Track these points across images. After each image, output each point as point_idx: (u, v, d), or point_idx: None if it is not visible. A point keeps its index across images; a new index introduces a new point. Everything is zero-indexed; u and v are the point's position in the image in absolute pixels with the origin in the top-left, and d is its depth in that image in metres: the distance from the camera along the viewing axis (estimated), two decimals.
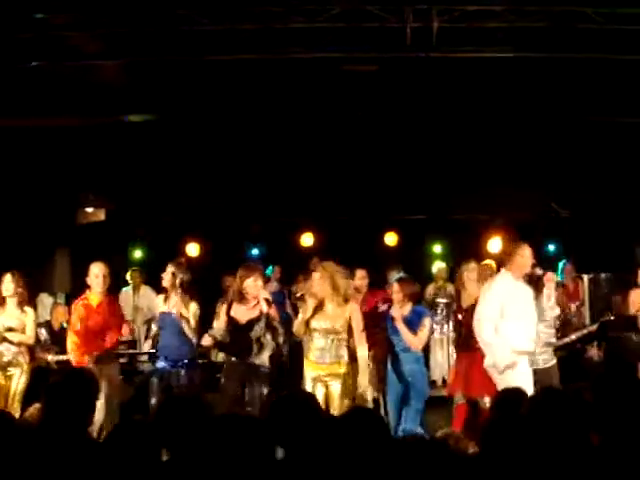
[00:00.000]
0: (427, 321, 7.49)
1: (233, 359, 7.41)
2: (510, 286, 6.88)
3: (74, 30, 7.78)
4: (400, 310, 7.41)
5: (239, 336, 7.33)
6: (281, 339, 7.50)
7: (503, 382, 6.38)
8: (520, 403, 4.06)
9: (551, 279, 7.59)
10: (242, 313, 7.38)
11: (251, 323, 7.34)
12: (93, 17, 7.60)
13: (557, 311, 7.63)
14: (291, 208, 13.00)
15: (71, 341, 7.67)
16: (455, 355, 8.41)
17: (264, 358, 7.35)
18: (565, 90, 9.49)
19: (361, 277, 8.47)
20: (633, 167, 10.94)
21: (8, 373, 7.67)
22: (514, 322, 6.76)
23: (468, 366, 7.87)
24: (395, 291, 7.48)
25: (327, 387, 7.10)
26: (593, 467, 3.47)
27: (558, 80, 9.18)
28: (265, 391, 7.24)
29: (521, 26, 7.76)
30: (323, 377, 7.11)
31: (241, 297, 7.39)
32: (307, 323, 7.15)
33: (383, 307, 7.78)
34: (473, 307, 7.90)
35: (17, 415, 6.41)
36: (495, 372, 6.78)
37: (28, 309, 7.87)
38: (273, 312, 7.42)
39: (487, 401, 7.48)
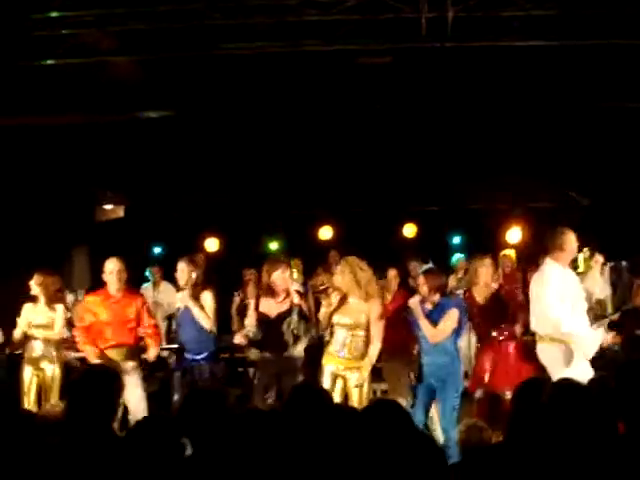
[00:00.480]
0: (452, 313, 7.16)
1: (267, 354, 7.38)
2: (563, 276, 6.75)
3: (88, 27, 7.78)
4: (427, 303, 7.28)
5: (271, 330, 7.32)
6: (313, 331, 7.51)
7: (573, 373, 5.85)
8: (542, 392, 4.03)
9: (599, 261, 7.49)
10: (271, 307, 7.38)
11: (282, 316, 7.33)
12: (107, 14, 7.61)
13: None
14: (309, 201, 13.00)
15: (77, 336, 7.77)
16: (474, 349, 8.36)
17: (300, 350, 7.36)
18: (582, 77, 9.39)
19: (393, 276, 8.43)
20: None
21: (41, 366, 7.95)
22: (571, 312, 6.62)
23: (489, 360, 7.82)
24: (421, 284, 7.38)
25: (345, 381, 7.09)
26: (620, 455, 3.44)
27: (575, 68, 9.09)
28: (300, 380, 7.22)
29: (537, 15, 7.68)
30: (342, 371, 7.11)
31: (269, 291, 7.39)
32: (330, 317, 7.16)
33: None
34: (489, 300, 7.85)
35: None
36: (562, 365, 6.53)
37: (58, 306, 8.14)
38: (304, 303, 7.43)
39: (509, 394, 7.44)
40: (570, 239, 6.82)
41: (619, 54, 8.44)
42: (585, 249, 11.10)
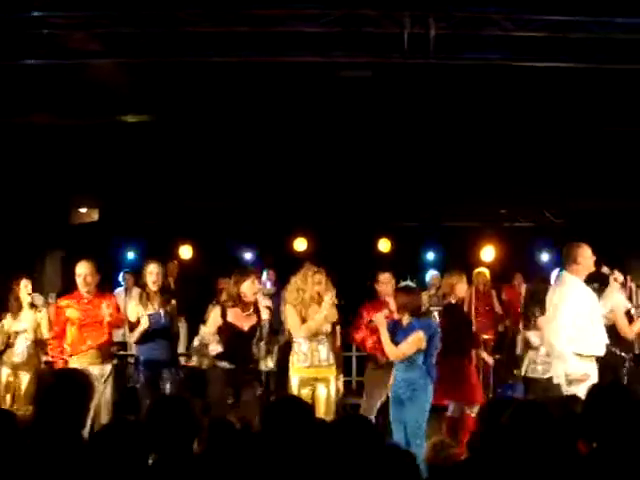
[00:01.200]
0: (415, 335, 7.10)
1: (225, 364, 7.26)
2: (581, 291, 6.71)
3: (70, 28, 7.73)
4: (401, 320, 7.27)
5: (240, 343, 7.21)
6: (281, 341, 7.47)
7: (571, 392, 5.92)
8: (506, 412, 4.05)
9: (618, 278, 7.48)
10: (241, 318, 7.28)
11: (254, 329, 7.25)
12: (91, 16, 7.57)
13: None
14: (284, 212, 13.00)
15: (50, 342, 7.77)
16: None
17: (270, 364, 7.33)
18: (560, 99, 9.49)
19: (384, 281, 8.28)
20: (627, 176, 10.96)
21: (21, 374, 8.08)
22: (590, 327, 6.59)
23: (454, 372, 7.87)
24: (394, 300, 7.41)
25: (313, 390, 7.08)
26: (580, 476, 3.47)
27: (554, 89, 9.18)
28: (259, 392, 7.19)
29: (518, 36, 7.74)
30: (310, 380, 7.10)
31: (238, 302, 7.30)
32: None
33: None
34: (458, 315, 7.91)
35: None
36: (564, 383, 6.47)
37: (39, 311, 8.29)
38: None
39: (475, 410, 7.48)
40: (585, 252, 6.75)
41: (598, 77, 8.53)
42: (557, 269, 11.18)
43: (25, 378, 7.99)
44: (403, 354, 7.09)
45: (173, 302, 7.57)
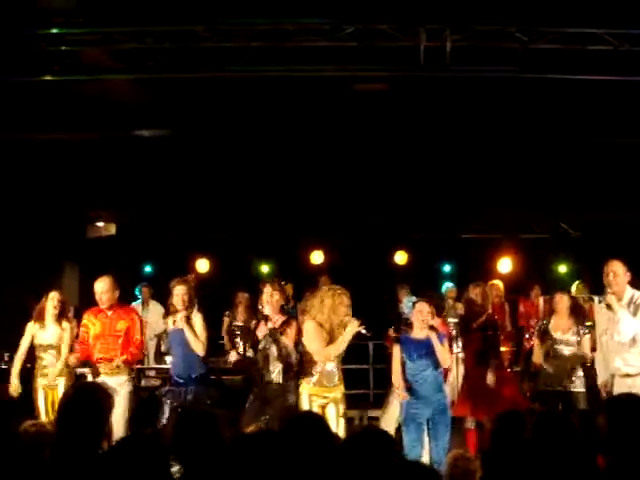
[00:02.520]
0: (445, 341, 7.34)
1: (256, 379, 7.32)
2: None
3: (87, 45, 7.81)
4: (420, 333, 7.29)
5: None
6: (293, 356, 7.38)
7: None
8: (520, 426, 4.04)
9: None
10: (262, 331, 7.35)
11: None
12: (108, 33, 7.64)
13: None
14: (301, 225, 13.01)
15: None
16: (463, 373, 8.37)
17: (272, 376, 7.27)
18: (576, 111, 9.48)
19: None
20: None
21: (55, 383, 7.92)
22: None
23: (475, 386, 7.86)
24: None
25: (323, 407, 7.05)
26: None
27: (570, 101, 9.17)
28: (289, 402, 7.17)
29: (534, 48, 7.75)
30: (319, 397, 7.08)
31: (261, 315, 7.39)
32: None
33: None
34: (484, 325, 7.92)
35: None
36: None
37: (65, 324, 8.10)
38: (293, 329, 7.34)
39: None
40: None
41: (615, 88, 8.51)
42: (577, 281, 11.14)
43: (61, 386, 7.97)
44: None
45: (195, 318, 7.57)
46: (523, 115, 9.52)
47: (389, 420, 8.00)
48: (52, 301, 8.12)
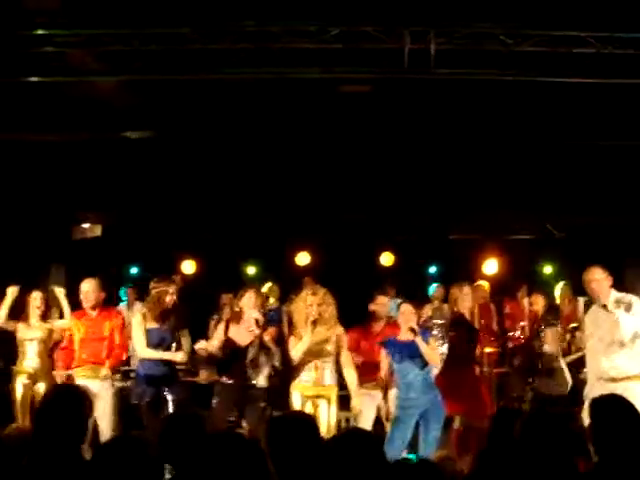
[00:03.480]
0: (431, 339, 7.45)
1: (226, 380, 7.26)
2: None
3: (73, 47, 7.80)
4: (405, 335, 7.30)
5: (237, 358, 7.21)
6: (276, 360, 7.41)
7: None
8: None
9: None
10: (242, 335, 7.28)
11: (250, 345, 7.26)
12: (94, 35, 7.63)
13: None
14: (288, 227, 13.01)
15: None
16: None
17: (261, 380, 7.27)
18: (560, 113, 9.53)
19: (381, 303, 8.35)
20: (627, 191, 10.99)
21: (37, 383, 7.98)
22: None
23: (460, 384, 7.89)
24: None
25: (315, 407, 7.07)
26: None
27: (554, 103, 9.22)
28: (262, 406, 7.17)
29: (518, 51, 7.79)
30: (311, 397, 7.10)
31: (239, 318, 7.32)
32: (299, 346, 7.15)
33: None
34: (465, 327, 7.97)
35: None
36: None
37: (51, 322, 8.23)
38: (270, 332, 7.37)
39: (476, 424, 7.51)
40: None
41: (601, 91, 8.56)
42: (562, 282, 11.19)
43: (42, 387, 7.93)
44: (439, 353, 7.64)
45: (183, 338, 7.55)
46: (507, 117, 9.57)
47: (364, 423, 7.96)
48: (35, 301, 8.11)
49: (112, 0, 7.50)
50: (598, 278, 6.80)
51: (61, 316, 8.33)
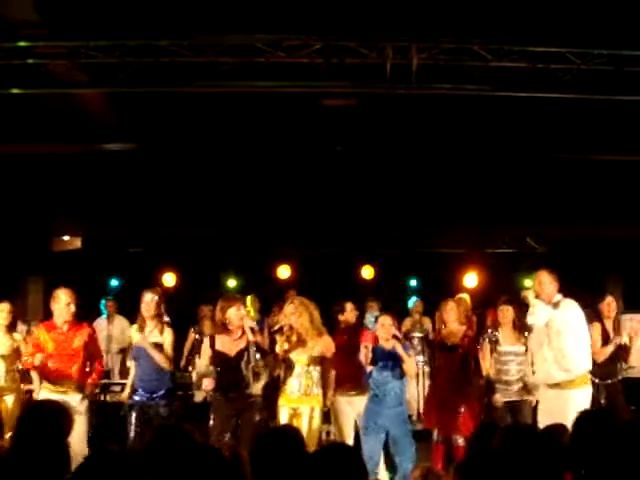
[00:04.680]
0: (411, 352, 7.57)
1: (220, 395, 7.15)
2: None
3: (55, 58, 7.78)
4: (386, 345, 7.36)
5: (229, 369, 7.14)
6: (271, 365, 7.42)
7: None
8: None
9: None
10: (229, 345, 7.23)
11: (241, 354, 7.20)
12: (75, 47, 7.62)
13: None
14: (268, 240, 13.02)
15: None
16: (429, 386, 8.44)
17: (259, 387, 7.25)
18: (541, 128, 9.61)
19: (350, 310, 8.39)
20: (608, 205, 11.08)
21: (5, 397, 7.81)
22: None
23: (442, 401, 7.89)
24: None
25: (299, 419, 7.07)
26: None
27: (535, 118, 9.29)
28: (257, 418, 7.13)
29: (497, 66, 7.85)
30: (296, 409, 7.10)
31: (224, 328, 7.27)
32: (285, 356, 7.17)
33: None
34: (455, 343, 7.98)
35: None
36: None
37: (17, 335, 8.01)
38: (260, 339, 7.35)
39: (460, 439, 7.51)
40: None
41: (580, 106, 8.64)
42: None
43: (9, 400, 7.79)
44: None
45: (165, 334, 7.48)
46: (488, 132, 9.64)
47: (345, 436, 7.94)
48: (2, 313, 7.94)
49: (94, 12, 7.47)
50: (544, 280, 7.19)
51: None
